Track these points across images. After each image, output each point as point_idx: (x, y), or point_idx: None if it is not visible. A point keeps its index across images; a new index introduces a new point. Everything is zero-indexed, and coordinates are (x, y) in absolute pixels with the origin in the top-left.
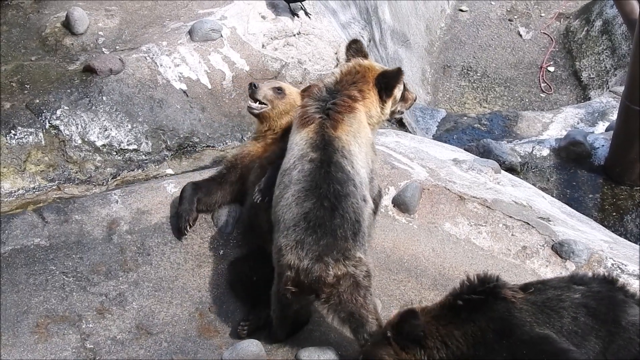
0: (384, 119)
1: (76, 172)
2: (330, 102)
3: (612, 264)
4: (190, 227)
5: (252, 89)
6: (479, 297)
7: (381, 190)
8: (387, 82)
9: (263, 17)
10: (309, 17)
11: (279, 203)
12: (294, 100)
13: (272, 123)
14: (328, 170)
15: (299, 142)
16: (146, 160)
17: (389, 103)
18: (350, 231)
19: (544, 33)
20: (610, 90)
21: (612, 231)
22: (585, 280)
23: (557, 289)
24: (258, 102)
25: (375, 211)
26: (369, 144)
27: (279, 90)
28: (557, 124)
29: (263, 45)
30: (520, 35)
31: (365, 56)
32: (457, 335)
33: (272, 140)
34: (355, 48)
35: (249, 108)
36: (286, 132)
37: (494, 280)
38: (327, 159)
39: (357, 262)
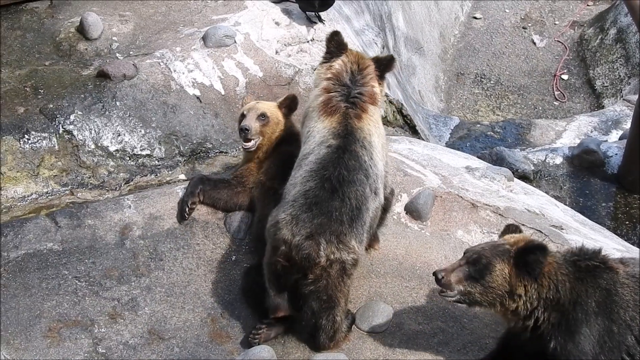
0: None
1: (89, 177)
2: (356, 92)
3: None
4: (190, 210)
5: (245, 132)
6: (596, 264)
7: (394, 189)
8: (383, 68)
9: (277, 24)
10: (324, 24)
11: (289, 183)
12: (276, 118)
13: (264, 146)
14: (341, 156)
15: (322, 130)
16: (159, 165)
17: (384, 89)
18: (347, 216)
19: (557, 41)
20: (624, 99)
21: (625, 240)
22: None
23: None
24: (251, 141)
25: (388, 209)
26: (384, 135)
27: (263, 118)
28: (570, 132)
29: (276, 52)
30: (534, 43)
31: (345, 48)
32: (568, 288)
33: (264, 155)
34: (337, 40)
35: (245, 149)
36: (277, 145)
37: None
38: (344, 146)
39: (350, 249)
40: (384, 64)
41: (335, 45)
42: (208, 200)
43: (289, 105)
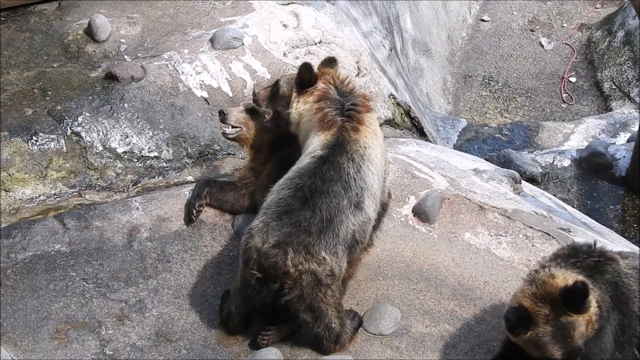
0: None
1: (97, 179)
2: (349, 104)
3: None
4: (197, 213)
5: (222, 115)
6: (596, 259)
7: (390, 193)
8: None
9: (285, 26)
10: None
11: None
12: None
13: (255, 142)
14: (320, 166)
15: (315, 142)
16: (167, 167)
17: None
18: (317, 227)
19: (565, 44)
20: (632, 102)
21: (633, 243)
22: None
23: None
24: (231, 127)
25: (385, 211)
26: (383, 141)
27: (252, 112)
28: (578, 134)
29: (284, 54)
30: (542, 46)
31: (316, 76)
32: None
33: (265, 159)
34: (307, 68)
35: (223, 134)
36: (274, 147)
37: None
38: (327, 157)
39: (320, 260)
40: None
41: (309, 74)
42: (215, 202)
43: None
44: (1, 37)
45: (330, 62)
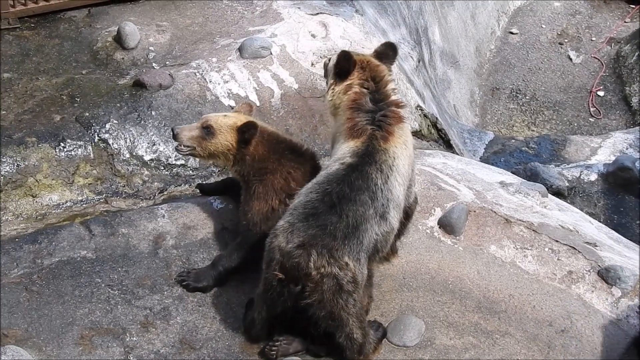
0: None
1: (124, 186)
2: (380, 114)
3: None
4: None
5: (173, 134)
6: None
7: (417, 197)
8: (389, 59)
9: (313, 36)
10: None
11: (297, 193)
12: (225, 138)
13: (221, 160)
14: (349, 174)
15: (344, 149)
16: (193, 175)
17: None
18: (342, 232)
19: (594, 57)
20: None
21: None
22: None
23: None
24: (183, 145)
25: (410, 217)
26: (412, 151)
27: (207, 129)
28: (605, 149)
29: (312, 64)
30: (571, 59)
31: (354, 64)
32: None
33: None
34: (346, 57)
35: (176, 149)
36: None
37: None
38: (356, 165)
39: (342, 265)
40: (388, 55)
41: (348, 64)
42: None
43: (243, 132)
44: (31, 43)
45: (388, 47)
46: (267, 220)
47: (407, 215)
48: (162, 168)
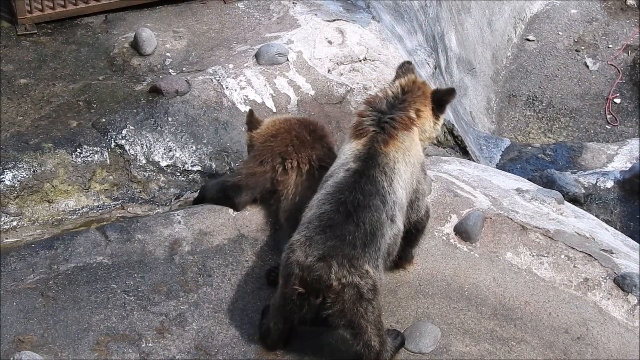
0: (435, 135)
1: (140, 192)
2: (388, 117)
3: None
4: None
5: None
6: None
7: (429, 210)
8: (442, 98)
9: (329, 42)
10: None
11: (308, 205)
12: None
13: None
14: (358, 180)
15: (347, 152)
16: None
17: (441, 120)
18: (361, 240)
19: (611, 64)
20: None
21: None
22: None
23: None
24: None
25: (421, 230)
26: (418, 162)
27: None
28: (622, 156)
29: (329, 70)
30: (587, 66)
31: (406, 73)
32: None
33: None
34: (407, 68)
35: None
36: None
37: None
38: (362, 170)
39: (363, 273)
40: (443, 93)
41: (404, 71)
42: None
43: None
44: (48, 49)
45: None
46: (252, 175)
47: (417, 229)
48: (179, 174)
